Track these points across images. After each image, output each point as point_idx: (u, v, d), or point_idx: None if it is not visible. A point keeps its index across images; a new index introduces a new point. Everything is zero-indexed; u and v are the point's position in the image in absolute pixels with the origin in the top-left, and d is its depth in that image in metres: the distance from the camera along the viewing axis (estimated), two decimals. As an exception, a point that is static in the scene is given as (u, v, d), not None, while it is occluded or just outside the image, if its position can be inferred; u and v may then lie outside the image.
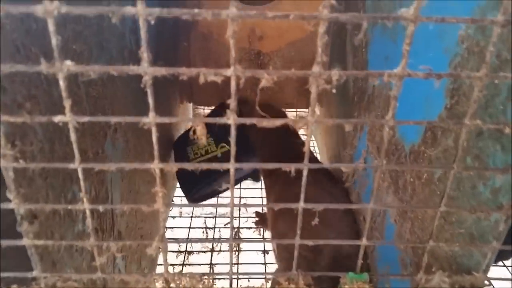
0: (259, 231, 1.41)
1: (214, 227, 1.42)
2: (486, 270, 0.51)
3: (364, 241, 0.48)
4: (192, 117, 1.77)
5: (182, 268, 1.23)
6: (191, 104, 1.76)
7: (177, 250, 1.31)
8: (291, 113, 1.92)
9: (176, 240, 1.29)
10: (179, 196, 1.40)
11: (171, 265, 1.25)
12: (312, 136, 1.81)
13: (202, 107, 1.80)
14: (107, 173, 0.80)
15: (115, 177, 0.86)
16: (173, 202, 1.44)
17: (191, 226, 1.40)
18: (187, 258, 1.28)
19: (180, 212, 1.46)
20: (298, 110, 1.76)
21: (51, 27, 0.35)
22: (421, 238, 0.64)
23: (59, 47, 0.36)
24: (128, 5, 0.35)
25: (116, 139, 0.87)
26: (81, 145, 0.67)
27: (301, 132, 1.70)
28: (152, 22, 0.36)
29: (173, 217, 1.42)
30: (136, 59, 0.37)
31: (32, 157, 0.48)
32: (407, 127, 0.67)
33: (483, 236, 0.51)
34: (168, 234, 1.39)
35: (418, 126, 0.63)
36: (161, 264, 1.25)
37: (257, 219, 1.40)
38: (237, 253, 1.31)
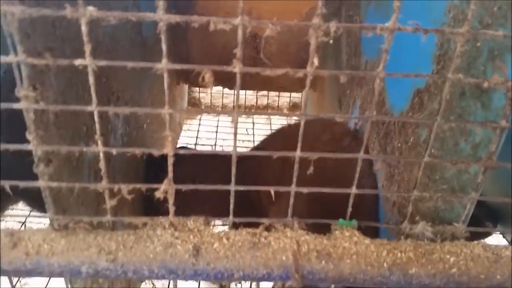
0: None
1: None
2: (465, 221, 0.55)
3: (353, 190, 0.52)
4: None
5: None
6: (186, 86, 1.79)
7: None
8: (284, 99, 1.96)
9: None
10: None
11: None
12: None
13: (198, 88, 1.84)
14: (110, 141, 0.84)
15: (116, 144, 0.89)
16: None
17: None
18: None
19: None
20: (292, 93, 1.80)
21: None
22: (406, 199, 0.69)
23: (83, -7, 0.39)
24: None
25: (118, 106, 0.90)
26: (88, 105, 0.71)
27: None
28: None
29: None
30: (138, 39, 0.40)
31: (48, 104, 0.52)
32: (396, 96, 0.71)
33: (463, 189, 0.56)
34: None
35: (407, 94, 0.67)
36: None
37: None
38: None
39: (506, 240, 1.02)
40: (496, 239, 1.28)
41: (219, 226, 1.19)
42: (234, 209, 0.52)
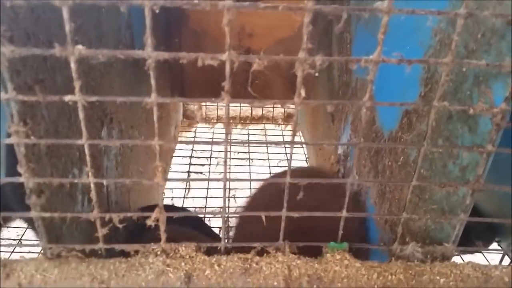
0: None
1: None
2: (455, 241, 0.56)
3: (344, 213, 0.53)
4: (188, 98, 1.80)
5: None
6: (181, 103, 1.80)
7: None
8: (279, 109, 1.97)
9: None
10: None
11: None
12: (300, 132, 1.86)
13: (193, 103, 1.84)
14: (104, 161, 0.84)
15: (110, 165, 0.89)
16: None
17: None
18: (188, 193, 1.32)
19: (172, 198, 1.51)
20: (286, 106, 1.81)
21: (65, 14, 0.39)
22: (397, 219, 0.69)
23: (70, 34, 0.40)
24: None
25: (112, 129, 0.90)
26: (79, 132, 0.71)
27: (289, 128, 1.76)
28: (157, 11, 0.40)
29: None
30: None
31: (40, 137, 0.52)
32: (386, 116, 0.72)
33: (452, 210, 0.57)
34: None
35: (396, 114, 0.68)
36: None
37: None
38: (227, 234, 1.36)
39: (508, 256, 1.02)
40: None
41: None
42: None
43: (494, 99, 0.50)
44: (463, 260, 0.56)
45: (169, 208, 1.27)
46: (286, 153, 1.73)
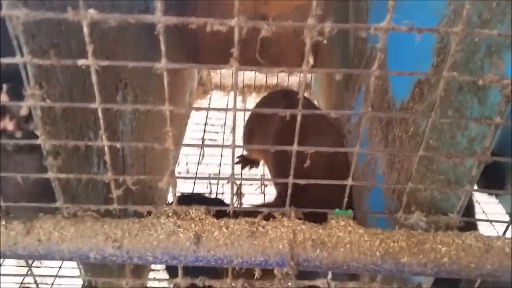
0: (260, 188, 1.48)
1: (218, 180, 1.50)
2: (459, 212, 0.57)
3: (349, 181, 0.54)
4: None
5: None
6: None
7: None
8: (294, 78, 1.96)
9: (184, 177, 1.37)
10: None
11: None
12: (315, 101, 1.85)
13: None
14: (119, 126, 0.86)
15: (125, 129, 0.91)
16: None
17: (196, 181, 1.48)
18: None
19: (187, 169, 1.53)
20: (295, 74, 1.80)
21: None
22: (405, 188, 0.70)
23: (83, -3, 0.41)
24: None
25: (127, 94, 0.92)
26: (94, 97, 0.73)
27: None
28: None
29: (179, 173, 1.49)
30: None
31: (55, 101, 0.54)
32: (398, 86, 0.72)
33: (459, 180, 0.57)
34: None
35: (408, 83, 0.68)
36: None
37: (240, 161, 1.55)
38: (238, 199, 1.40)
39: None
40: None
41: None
42: None
43: (506, 71, 0.49)
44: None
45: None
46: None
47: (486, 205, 1.37)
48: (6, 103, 0.58)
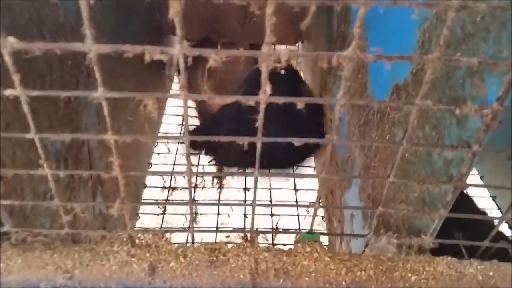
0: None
1: (198, 165, 1.46)
2: (432, 234, 0.54)
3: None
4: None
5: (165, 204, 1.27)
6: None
7: (162, 186, 1.35)
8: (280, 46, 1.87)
9: (160, 173, 1.33)
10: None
11: (157, 202, 1.30)
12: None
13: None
14: (82, 119, 0.81)
15: (90, 121, 0.86)
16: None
17: (176, 163, 1.44)
18: (171, 194, 1.33)
19: (168, 149, 1.49)
20: (287, 45, 1.72)
21: None
22: (380, 194, 0.67)
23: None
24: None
25: (90, 84, 0.86)
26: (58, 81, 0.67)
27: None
28: None
29: (158, 154, 1.45)
30: None
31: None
32: (377, 86, 0.67)
33: (433, 202, 0.54)
34: (154, 168, 1.42)
35: (386, 88, 0.63)
36: (145, 203, 1.29)
37: None
38: (219, 190, 1.36)
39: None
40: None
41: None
42: None
43: (487, 94, 0.44)
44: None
45: None
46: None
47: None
48: None
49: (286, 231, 0.81)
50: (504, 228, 1.16)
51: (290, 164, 1.42)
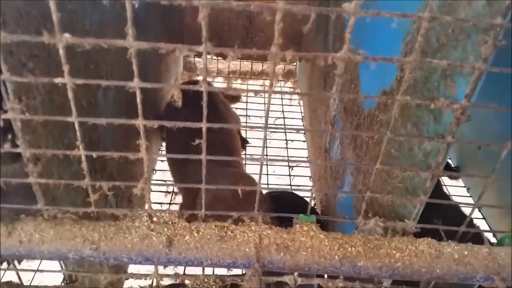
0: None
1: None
2: (415, 219, 0.61)
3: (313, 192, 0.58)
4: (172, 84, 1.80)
5: (169, 206, 1.34)
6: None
7: (165, 190, 1.42)
8: (279, 65, 1.97)
9: (164, 182, 1.40)
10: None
11: (160, 203, 1.37)
12: (298, 89, 1.87)
13: (193, 58, 1.85)
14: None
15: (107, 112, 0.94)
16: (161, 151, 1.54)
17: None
18: (174, 198, 1.40)
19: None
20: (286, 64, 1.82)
21: (52, 5, 0.42)
22: (369, 189, 0.75)
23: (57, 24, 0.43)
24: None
25: (108, 89, 0.94)
26: (76, 95, 0.75)
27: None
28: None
29: (162, 161, 1.52)
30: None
31: (35, 109, 0.57)
32: (367, 90, 0.75)
33: (415, 190, 0.61)
34: (158, 175, 1.49)
35: (375, 92, 0.71)
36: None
37: None
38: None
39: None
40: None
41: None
42: None
43: (458, 93, 0.53)
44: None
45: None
46: (283, 111, 1.76)
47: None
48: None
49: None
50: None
51: None
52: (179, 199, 1.37)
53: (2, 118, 0.49)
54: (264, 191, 1.27)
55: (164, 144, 1.46)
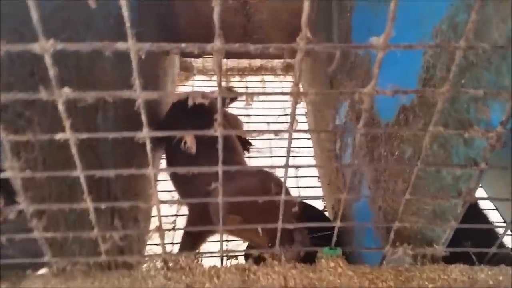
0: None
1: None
2: (444, 243, 0.58)
3: (338, 224, 0.54)
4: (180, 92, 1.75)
5: (175, 222, 1.30)
6: (177, 56, 1.75)
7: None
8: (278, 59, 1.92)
9: (171, 200, 1.36)
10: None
11: (165, 216, 1.33)
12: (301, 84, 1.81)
13: (189, 58, 1.80)
14: (100, 148, 0.84)
15: (107, 150, 0.89)
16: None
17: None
18: (180, 208, 1.36)
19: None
20: (286, 60, 1.76)
21: (48, 61, 0.38)
22: (391, 207, 0.71)
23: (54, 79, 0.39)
24: None
25: (107, 110, 0.89)
26: (74, 123, 0.70)
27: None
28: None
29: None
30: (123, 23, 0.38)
31: (35, 163, 0.52)
32: (383, 106, 0.71)
33: (444, 214, 0.58)
34: (161, 184, 1.45)
35: (393, 106, 0.67)
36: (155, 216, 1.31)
37: None
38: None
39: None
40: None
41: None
42: None
43: (491, 117, 0.49)
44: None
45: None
46: (284, 108, 1.72)
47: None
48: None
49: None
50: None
51: None
52: (185, 210, 1.34)
53: None
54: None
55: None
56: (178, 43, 0.40)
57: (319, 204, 1.43)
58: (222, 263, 0.58)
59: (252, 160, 1.50)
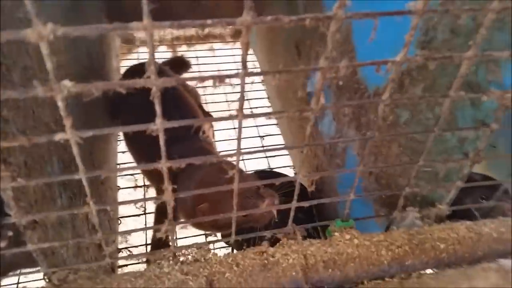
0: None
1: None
2: (448, 203, 0.59)
3: (352, 196, 0.53)
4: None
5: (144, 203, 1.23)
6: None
7: (134, 185, 1.31)
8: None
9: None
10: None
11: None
12: (252, 51, 1.74)
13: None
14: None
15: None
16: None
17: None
18: (147, 191, 1.29)
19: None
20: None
21: (44, 50, 0.32)
22: (384, 172, 0.72)
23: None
24: None
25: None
26: (44, 118, 0.63)
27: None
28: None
29: (124, 152, 1.38)
30: None
31: (18, 168, 0.45)
32: (371, 70, 0.70)
33: (448, 175, 0.59)
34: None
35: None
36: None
37: None
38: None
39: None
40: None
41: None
42: None
43: (503, 78, 0.49)
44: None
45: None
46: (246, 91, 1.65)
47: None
48: None
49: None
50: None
51: None
52: (152, 192, 1.27)
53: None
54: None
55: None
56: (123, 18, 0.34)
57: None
58: (232, 250, 0.55)
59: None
